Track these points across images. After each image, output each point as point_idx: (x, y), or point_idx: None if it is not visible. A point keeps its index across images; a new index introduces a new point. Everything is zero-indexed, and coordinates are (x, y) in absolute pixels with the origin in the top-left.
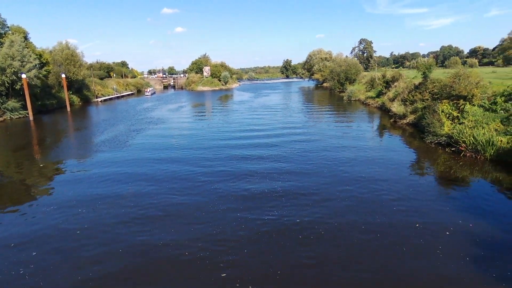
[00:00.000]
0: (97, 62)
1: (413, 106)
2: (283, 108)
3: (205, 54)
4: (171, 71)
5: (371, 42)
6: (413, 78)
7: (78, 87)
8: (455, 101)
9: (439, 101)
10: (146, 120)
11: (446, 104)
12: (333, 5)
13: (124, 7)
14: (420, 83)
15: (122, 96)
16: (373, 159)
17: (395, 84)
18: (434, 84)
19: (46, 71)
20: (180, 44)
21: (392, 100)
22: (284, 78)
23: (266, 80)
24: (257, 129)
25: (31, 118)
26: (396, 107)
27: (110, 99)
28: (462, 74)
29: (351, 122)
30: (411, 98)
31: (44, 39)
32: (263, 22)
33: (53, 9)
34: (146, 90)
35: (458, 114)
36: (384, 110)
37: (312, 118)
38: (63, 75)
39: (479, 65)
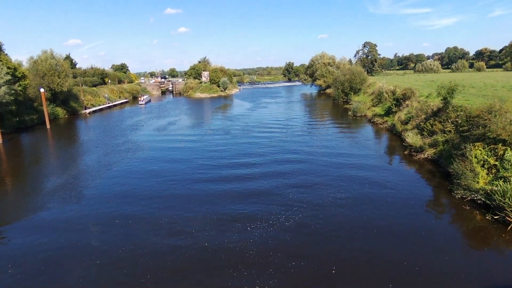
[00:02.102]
0: (91, 68)
1: (432, 138)
2: (281, 127)
3: (205, 58)
4: (173, 73)
5: (375, 45)
6: (426, 97)
7: (64, 98)
8: (491, 146)
9: (470, 144)
10: (125, 146)
11: (480, 148)
12: (335, 5)
13: (127, 7)
14: (439, 109)
15: (115, 106)
16: (387, 211)
17: (407, 102)
18: (458, 113)
19: (21, 85)
20: (183, 44)
21: (404, 123)
22: (286, 82)
23: (268, 83)
24: (250, 159)
25: None
26: (412, 137)
27: (101, 109)
28: (498, 109)
29: (358, 151)
30: (429, 127)
31: (45, 42)
32: (265, 22)
33: (58, 9)
34: (140, 98)
35: (497, 163)
36: (395, 134)
37: (314, 143)
38: (42, 90)
39: (487, 68)
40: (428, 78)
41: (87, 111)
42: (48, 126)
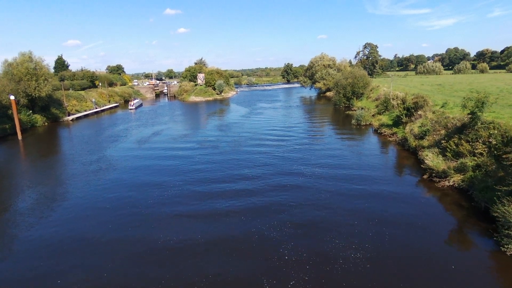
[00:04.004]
0: (81, 70)
1: (458, 161)
2: (278, 139)
3: (201, 59)
4: (170, 74)
5: (376, 47)
6: (442, 106)
7: (43, 105)
8: None
9: None
10: (97, 164)
11: None
12: (335, 5)
13: (126, 7)
14: (464, 125)
15: (103, 111)
16: (414, 266)
17: (419, 112)
18: (490, 132)
19: None
20: (183, 45)
21: (418, 137)
22: (285, 83)
23: (266, 85)
24: (240, 184)
25: None
26: (432, 159)
27: (86, 115)
28: None
29: (368, 173)
30: (454, 147)
31: (44, 43)
32: (265, 22)
33: (57, 10)
34: (130, 102)
35: None
36: (407, 150)
37: (314, 162)
38: (12, 97)
39: (489, 69)
40: (433, 81)
41: (70, 118)
42: (19, 137)
